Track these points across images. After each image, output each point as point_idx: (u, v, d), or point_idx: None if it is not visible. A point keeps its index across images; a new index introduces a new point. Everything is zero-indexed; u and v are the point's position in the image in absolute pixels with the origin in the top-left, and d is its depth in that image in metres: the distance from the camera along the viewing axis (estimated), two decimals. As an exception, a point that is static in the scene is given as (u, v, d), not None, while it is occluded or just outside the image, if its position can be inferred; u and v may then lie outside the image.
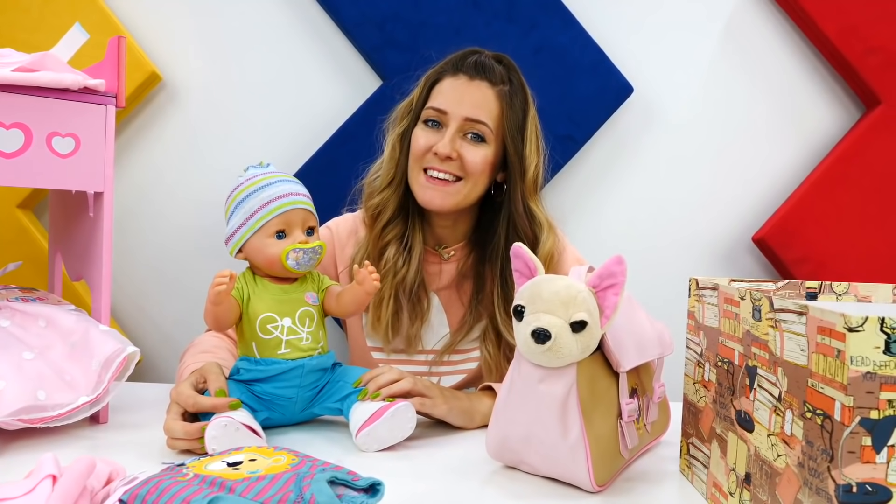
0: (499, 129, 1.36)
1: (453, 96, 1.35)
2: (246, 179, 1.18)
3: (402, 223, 1.41)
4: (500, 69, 1.38)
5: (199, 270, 1.81)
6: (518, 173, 1.36)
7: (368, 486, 0.76)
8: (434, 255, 1.45)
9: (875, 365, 0.62)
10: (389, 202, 1.40)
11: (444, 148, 1.32)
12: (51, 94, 1.14)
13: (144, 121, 1.85)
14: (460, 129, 1.34)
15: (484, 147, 1.35)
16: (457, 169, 1.34)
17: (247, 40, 1.83)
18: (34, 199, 1.81)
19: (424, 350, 1.44)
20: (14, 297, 1.25)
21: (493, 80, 1.36)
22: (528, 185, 1.37)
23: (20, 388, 1.04)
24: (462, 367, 1.44)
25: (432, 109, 1.37)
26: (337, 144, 1.75)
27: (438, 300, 1.44)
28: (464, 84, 1.36)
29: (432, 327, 1.44)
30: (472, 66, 1.37)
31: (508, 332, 1.36)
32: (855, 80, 1.77)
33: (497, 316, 1.38)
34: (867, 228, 1.78)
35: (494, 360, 1.39)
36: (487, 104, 1.35)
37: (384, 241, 1.40)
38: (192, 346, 1.32)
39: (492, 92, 1.35)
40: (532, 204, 1.38)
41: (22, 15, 1.76)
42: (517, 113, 1.36)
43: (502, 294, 1.38)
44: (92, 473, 0.77)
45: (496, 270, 1.39)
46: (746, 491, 0.82)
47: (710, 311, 0.95)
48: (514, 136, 1.36)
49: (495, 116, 1.35)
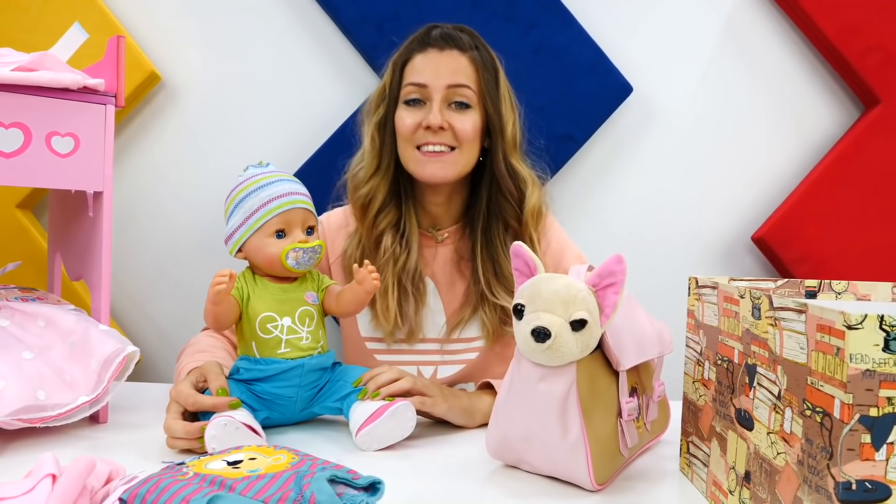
0: (479, 91, 1.37)
1: (430, 69, 1.36)
2: (245, 179, 1.18)
3: (395, 209, 1.41)
4: (465, 37, 1.39)
5: (199, 270, 1.81)
6: (498, 132, 1.38)
7: (368, 485, 0.76)
8: (428, 238, 1.45)
9: (874, 362, 0.62)
10: (378, 190, 1.40)
11: (435, 119, 1.33)
12: (50, 94, 1.14)
13: (144, 120, 1.85)
14: (445, 98, 1.35)
15: (471, 113, 1.36)
16: (450, 139, 1.35)
17: (246, 40, 1.84)
18: (34, 198, 1.81)
19: (425, 339, 1.43)
20: (14, 296, 1.25)
21: (463, 47, 1.37)
22: (508, 142, 1.38)
23: (20, 387, 1.04)
24: (462, 356, 1.43)
25: (412, 86, 1.37)
26: (336, 144, 1.75)
27: (434, 285, 1.44)
28: (436, 56, 1.37)
29: (431, 314, 1.43)
30: (438, 37, 1.38)
31: (498, 294, 1.37)
32: (854, 80, 1.77)
33: (483, 281, 1.38)
34: (867, 227, 1.78)
35: (491, 324, 1.38)
36: (464, 69, 1.36)
37: (379, 230, 1.40)
38: (189, 345, 1.32)
39: (464, 58, 1.37)
40: (514, 161, 1.39)
41: (21, 15, 1.76)
42: (491, 73, 1.38)
43: (488, 254, 1.39)
44: (91, 473, 0.77)
45: (477, 231, 1.40)
46: (746, 489, 0.82)
47: (709, 310, 0.95)
48: (492, 97, 1.37)
49: (474, 80, 1.37)
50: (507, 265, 1.36)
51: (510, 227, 1.39)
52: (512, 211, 1.39)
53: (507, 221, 1.39)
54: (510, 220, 1.39)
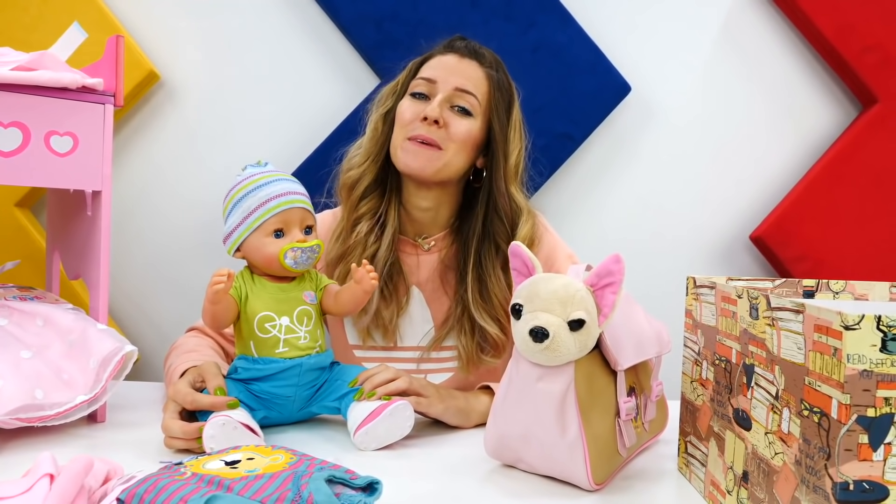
0: (486, 106, 1.36)
1: (444, 68, 1.36)
2: (244, 178, 1.18)
3: (377, 198, 1.40)
4: (489, 55, 1.39)
5: (197, 269, 1.81)
6: (501, 153, 1.36)
7: (366, 485, 0.76)
8: (412, 246, 1.44)
9: (872, 363, 0.62)
10: (366, 174, 1.40)
11: (432, 112, 1.32)
12: (49, 93, 1.14)
13: (142, 119, 1.85)
14: (448, 98, 1.34)
15: (470, 120, 1.35)
16: (441, 136, 1.33)
17: (244, 39, 1.84)
18: (32, 197, 1.81)
19: (408, 347, 1.43)
20: (12, 295, 1.25)
21: (483, 62, 1.37)
22: (511, 168, 1.37)
23: (18, 386, 1.04)
24: (449, 364, 1.42)
25: (421, 80, 1.37)
26: (335, 143, 1.75)
27: (421, 294, 1.43)
28: (454, 60, 1.37)
29: (414, 323, 1.42)
30: (462, 47, 1.38)
31: (481, 316, 1.35)
32: (852, 79, 1.78)
33: (469, 299, 1.36)
34: (864, 226, 1.78)
35: (467, 350, 1.37)
36: (477, 79, 1.36)
37: (358, 214, 1.39)
38: (175, 347, 1.32)
39: (481, 71, 1.36)
40: (513, 188, 1.38)
41: (20, 14, 1.76)
42: (504, 96, 1.38)
43: (476, 275, 1.37)
44: (89, 472, 0.77)
45: (470, 250, 1.38)
46: (744, 489, 0.82)
47: (707, 310, 0.95)
48: (500, 116, 1.36)
49: (483, 93, 1.36)
50: (494, 287, 1.35)
51: (500, 251, 1.37)
52: (504, 235, 1.37)
53: (499, 244, 1.37)
54: (501, 242, 1.37)
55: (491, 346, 1.37)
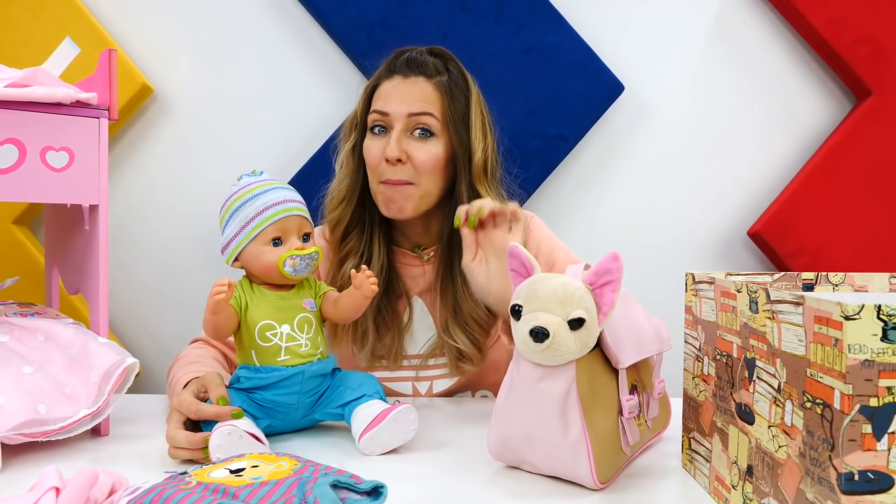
0: (444, 119, 1.35)
1: (392, 96, 1.35)
2: (240, 188, 1.18)
3: (357, 237, 1.41)
4: (434, 61, 1.37)
5: (196, 280, 1.81)
6: (464, 163, 1.35)
7: (371, 489, 0.76)
8: (413, 258, 1.44)
9: (873, 352, 0.62)
10: (344, 216, 1.40)
11: (392, 151, 1.31)
12: (43, 109, 1.14)
13: (137, 133, 1.85)
14: (406, 127, 1.33)
15: (433, 142, 1.34)
16: (408, 173, 1.33)
17: (236, 49, 1.84)
18: (29, 214, 1.82)
19: (410, 356, 1.43)
20: (12, 312, 1.25)
21: (428, 73, 1.35)
22: (476, 171, 1.35)
23: (21, 402, 1.04)
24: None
25: (376, 113, 1.36)
26: (330, 150, 1.75)
27: (423, 303, 1.43)
28: (399, 83, 1.35)
29: (415, 334, 1.43)
30: (403, 64, 1.36)
31: (450, 335, 1.36)
32: (845, 72, 1.78)
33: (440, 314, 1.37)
34: (862, 219, 1.78)
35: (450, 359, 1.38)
36: (427, 96, 1.34)
37: (343, 253, 1.41)
38: (178, 359, 1.32)
39: (429, 85, 1.35)
40: (480, 188, 1.36)
41: (12, 31, 1.76)
42: (459, 101, 1.36)
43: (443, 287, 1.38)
44: (95, 484, 0.77)
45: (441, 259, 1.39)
46: (749, 483, 0.83)
47: (707, 305, 0.96)
48: (457, 127, 1.35)
49: (439, 107, 1.34)
50: (463, 303, 1.36)
51: None
52: None
53: None
54: None
55: (466, 358, 1.37)
